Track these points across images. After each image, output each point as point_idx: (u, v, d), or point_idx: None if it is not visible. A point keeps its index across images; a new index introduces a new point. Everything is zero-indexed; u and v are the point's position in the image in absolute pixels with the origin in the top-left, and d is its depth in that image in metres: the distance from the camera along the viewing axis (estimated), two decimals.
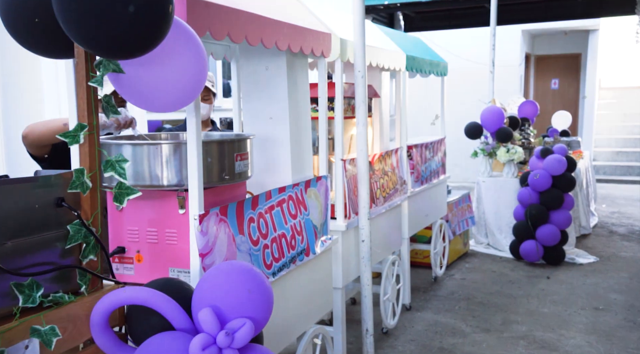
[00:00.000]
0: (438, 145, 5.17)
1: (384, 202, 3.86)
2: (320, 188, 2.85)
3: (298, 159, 2.75)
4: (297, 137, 2.75)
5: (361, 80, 3.28)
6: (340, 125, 3.24)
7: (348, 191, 3.34)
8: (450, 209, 5.88)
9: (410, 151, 4.49)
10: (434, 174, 5.05)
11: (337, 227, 3.27)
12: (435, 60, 5.03)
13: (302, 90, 2.80)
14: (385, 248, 4.01)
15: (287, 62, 2.64)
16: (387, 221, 4.00)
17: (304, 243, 2.63)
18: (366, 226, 3.37)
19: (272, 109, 2.69)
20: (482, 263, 6.06)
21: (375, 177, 3.74)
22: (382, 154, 3.85)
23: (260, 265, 2.26)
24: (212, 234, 1.97)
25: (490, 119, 6.63)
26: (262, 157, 2.73)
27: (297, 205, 2.61)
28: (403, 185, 4.23)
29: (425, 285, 5.29)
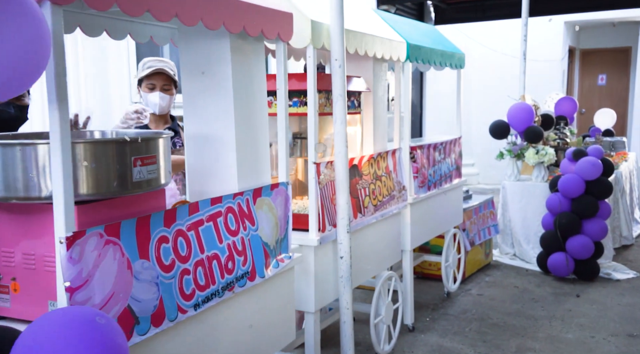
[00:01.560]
0: (451, 145, 4.63)
1: (375, 211, 3.37)
2: (277, 198, 2.39)
3: (248, 163, 2.30)
4: (247, 136, 2.30)
5: (338, 70, 2.80)
6: (313, 122, 2.77)
7: (324, 199, 2.87)
8: (468, 216, 5.32)
9: (413, 152, 3.97)
10: (446, 178, 4.51)
11: (309, 241, 2.80)
12: (448, 51, 4.49)
13: (255, 80, 2.35)
14: (378, 263, 3.51)
15: (231, 47, 2.19)
16: (380, 233, 3.50)
17: (248, 265, 2.17)
18: (345, 240, 2.89)
19: (214, 104, 2.25)
20: (504, 277, 5.48)
21: (363, 183, 3.25)
22: (372, 156, 3.36)
23: (173, 297, 1.81)
24: (88, 262, 1.54)
25: (518, 117, 6.02)
26: (204, 161, 2.29)
27: (240, 219, 2.16)
28: (402, 191, 3.72)
29: (435, 302, 4.76)
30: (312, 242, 2.79)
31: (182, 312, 1.85)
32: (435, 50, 4.22)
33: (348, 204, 2.87)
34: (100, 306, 1.56)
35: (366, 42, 3.18)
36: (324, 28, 2.78)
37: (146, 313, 1.71)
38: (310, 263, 2.82)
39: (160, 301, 1.76)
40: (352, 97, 3.24)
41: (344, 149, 2.85)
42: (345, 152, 2.85)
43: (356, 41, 3.08)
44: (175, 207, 1.87)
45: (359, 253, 3.25)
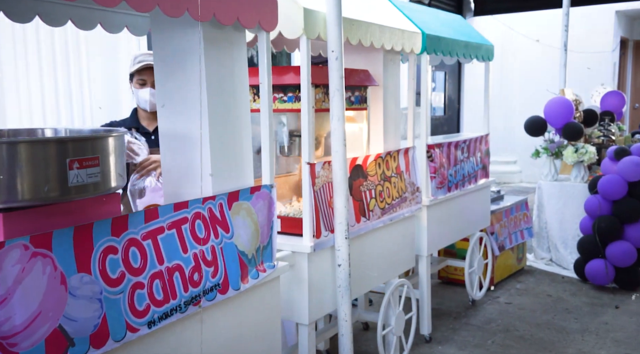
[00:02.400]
0: (476, 143, 4.33)
1: (383, 214, 3.13)
2: (258, 202, 2.18)
3: (225, 164, 2.10)
4: (224, 135, 2.10)
5: (335, 62, 2.57)
6: (307, 119, 2.55)
7: (320, 202, 2.65)
8: (497, 218, 5.00)
9: (430, 151, 3.70)
10: (470, 179, 4.22)
11: (302, 248, 2.59)
12: (474, 42, 4.18)
13: (235, 74, 2.14)
14: (387, 270, 3.27)
15: (203, 37, 1.99)
16: (389, 237, 3.26)
17: (219, 277, 1.98)
18: (343, 246, 2.67)
19: (187, 99, 2.06)
20: (537, 284, 5.13)
21: (368, 184, 3.01)
22: (379, 155, 3.11)
23: (121, 314, 1.63)
24: (7, 278, 1.37)
25: (556, 113, 5.65)
26: (178, 161, 2.11)
27: (211, 226, 1.96)
28: (416, 193, 3.46)
29: (458, 310, 4.47)
30: (305, 248, 2.58)
31: (132, 331, 1.67)
32: (458, 41, 3.93)
33: (346, 208, 2.65)
34: (22, 327, 1.39)
35: (372, 33, 2.93)
36: (320, 16, 2.55)
37: (83, 333, 1.53)
38: (303, 271, 2.61)
39: (103, 319, 1.58)
40: (357, 91, 3.00)
41: (342, 148, 2.62)
42: (343, 151, 2.62)
43: (360, 31, 2.84)
44: (127, 214, 1.69)
45: (363, 260, 3.02)
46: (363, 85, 3.05)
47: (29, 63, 3.70)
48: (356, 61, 3.29)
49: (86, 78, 3.92)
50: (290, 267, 2.62)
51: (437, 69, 9.93)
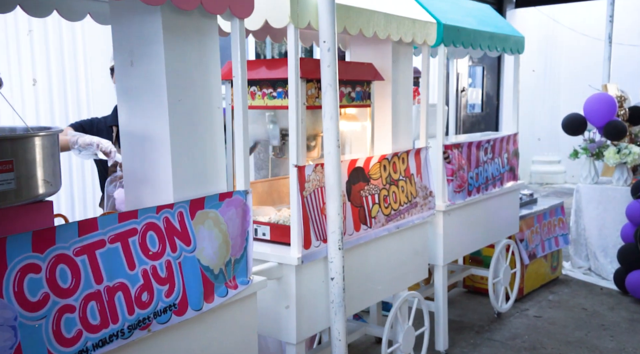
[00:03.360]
0: (502, 143, 3.98)
1: (387, 221, 2.85)
2: (228, 210, 1.94)
3: (190, 168, 1.87)
4: (189, 135, 1.86)
5: (327, 54, 2.30)
6: (295, 117, 2.30)
7: (311, 209, 2.40)
8: (528, 224, 4.63)
9: (447, 151, 3.39)
10: (494, 181, 3.88)
11: (289, 260, 2.34)
12: (500, 33, 3.84)
13: (204, 67, 1.90)
14: (394, 282, 2.99)
15: (163, 25, 1.76)
16: (397, 247, 2.98)
17: (175, 296, 1.75)
18: (337, 258, 2.40)
19: (146, 95, 1.83)
20: (573, 295, 4.74)
21: (370, 189, 2.74)
22: (384, 156, 2.83)
23: (43, 342, 1.42)
24: None
25: (597, 110, 5.22)
26: (138, 165, 1.89)
27: (167, 238, 1.74)
28: (428, 197, 3.16)
29: (481, 323, 4.14)
30: (293, 260, 2.33)
31: None
32: (482, 32, 3.60)
33: (340, 215, 2.38)
34: None
35: (376, 22, 2.65)
36: (310, 3, 2.29)
37: None
38: (290, 285, 2.36)
39: (17, 350, 1.37)
40: (359, 86, 2.73)
41: (335, 149, 2.35)
42: (336, 152, 2.35)
43: (361, 20, 2.57)
44: (55, 226, 1.47)
45: (364, 272, 2.75)
46: (366, 80, 2.77)
47: (22, 60, 3.57)
48: (365, 54, 3.02)
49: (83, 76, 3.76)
50: (277, 280, 2.39)
51: (475, 64, 9.51)
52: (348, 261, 2.63)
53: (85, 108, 3.75)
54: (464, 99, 9.18)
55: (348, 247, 2.61)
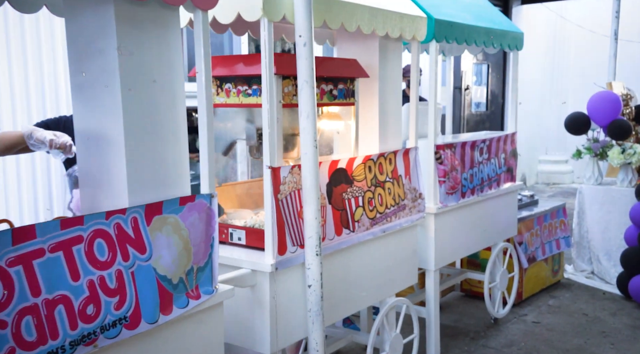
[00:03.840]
0: (499, 143, 3.83)
1: (372, 225, 2.71)
2: (190, 215, 1.82)
3: (147, 170, 1.75)
4: (147, 136, 1.74)
5: (303, 49, 2.17)
6: (268, 115, 2.17)
7: (287, 212, 2.27)
8: (527, 227, 4.48)
9: (439, 152, 3.25)
10: (490, 183, 3.73)
11: (261, 267, 2.21)
12: (497, 29, 3.69)
13: (163, 62, 1.78)
14: (380, 289, 2.86)
15: (116, 16, 1.64)
16: (383, 251, 2.84)
17: (126, 308, 1.63)
18: (314, 264, 2.27)
19: (100, 92, 1.71)
20: (573, 300, 4.58)
21: (354, 191, 2.61)
22: (369, 157, 2.69)
23: None
24: None
25: (601, 109, 5.06)
26: (93, 166, 1.77)
27: (118, 245, 1.62)
28: (418, 200, 3.03)
29: (477, 329, 4.00)
30: (266, 267, 2.20)
31: None
32: (477, 27, 3.45)
33: (318, 219, 2.25)
34: None
35: (360, 16, 2.52)
36: None
37: None
38: (264, 293, 2.24)
39: None
40: (342, 84, 2.60)
41: (312, 149, 2.22)
42: (313, 153, 2.23)
43: (343, 14, 2.43)
44: None
45: (347, 278, 2.63)
46: (349, 77, 2.64)
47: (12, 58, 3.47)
48: (351, 50, 2.89)
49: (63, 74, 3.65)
50: (251, 288, 2.27)
51: (480, 62, 9.33)
52: (329, 267, 2.51)
53: (65, 108, 3.64)
54: (468, 98, 9.01)
55: (329, 253, 2.48)
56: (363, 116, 2.86)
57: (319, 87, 2.48)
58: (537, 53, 10.34)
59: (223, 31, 2.57)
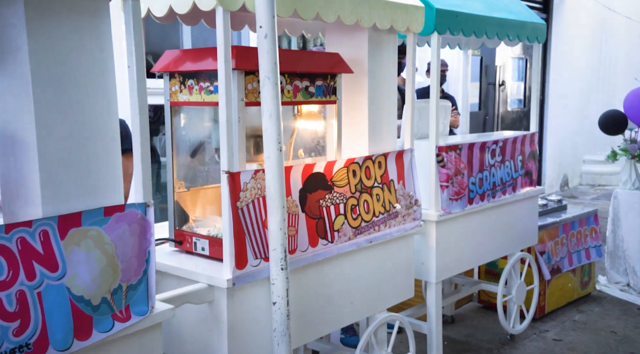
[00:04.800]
0: (515, 144, 3.51)
1: (357, 235, 2.47)
2: (118, 227, 1.63)
3: (69, 176, 1.57)
4: (65, 136, 1.56)
5: (265, 41, 1.95)
6: (225, 114, 1.96)
7: (248, 222, 2.06)
8: (550, 235, 4.13)
9: (442, 154, 2.98)
10: (505, 187, 3.42)
11: (218, 281, 2.01)
12: (514, 19, 3.38)
13: (88, 55, 1.59)
14: (368, 304, 2.61)
15: (25, 2, 1.47)
16: (371, 263, 2.60)
17: (29, 334, 1.44)
18: (279, 279, 2.05)
19: (12, 88, 1.54)
20: (602, 315, 4.21)
21: (334, 198, 2.37)
22: (352, 160, 2.45)
23: None
24: None
25: (638, 107, 4.64)
26: (11, 172, 1.60)
27: (22, 263, 1.44)
28: (413, 207, 2.76)
29: (491, 345, 3.70)
30: (221, 283, 2.00)
31: None
32: (488, 18, 3.15)
33: (283, 230, 2.03)
34: None
35: (339, 5, 2.27)
36: None
37: None
38: (221, 311, 2.03)
39: None
40: (320, 80, 2.36)
41: (276, 152, 2.00)
42: (277, 157, 2.00)
43: (319, 3, 2.20)
44: None
45: (324, 293, 2.40)
46: (330, 73, 2.40)
47: None
48: (340, 43, 2.64)
49: None
50: (209, 304, 2.07)
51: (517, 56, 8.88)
52: (303, 281, 2.29)
53: None
54: (504, 94, 8.58)
55: (302, 266, 2.26)
56: (352, 115, 2.62)
57: (292, 83, 2.25)
58: (582, 46, 9.80)
59: (170, 21, 2.36)
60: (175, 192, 2.33)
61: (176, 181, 2.33)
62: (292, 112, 2.44)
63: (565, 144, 9.84)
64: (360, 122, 2.62)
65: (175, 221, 2.34)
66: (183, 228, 2.31)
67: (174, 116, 2.29)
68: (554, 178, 9.81)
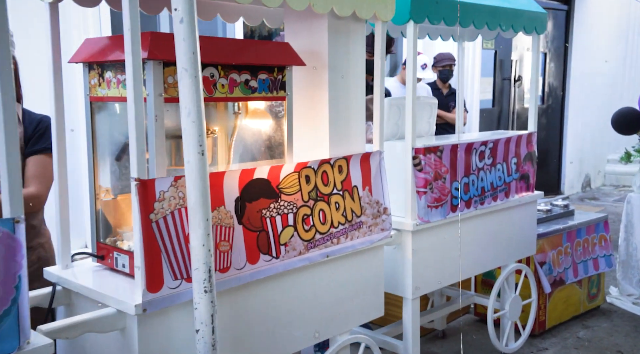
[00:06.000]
0: (509, 146, 3.17)
1: (310, 248, 2.18)
2: None
3: None
4: None
5: (181, 27, 1.66)
6: (134, 112, 1.68)
7: (167, 237, 1.78)
8: (552, 244, 3.78)
9: (419, 156, 2.66)
10: (496, 193, 3.09)
11: (126, 306, 1.74)
12: (509, 7, 3.04)
13: None
14: (325, 326, 2.32)
15: None
16: (329, 280, 2.30)
17: None
18: (203, 303, 1.76)
19: None
20: (610, 331, 3.85)
21: (281, 207, 2.08)
22: (305, 165, 2.15)
23: None
24: None
25: None
26: None
27: None
28: (382, 216, 2.46)
29: None
30: (129, 309, 1.72)
31: None
32: (475, 5, 2.82)
33: (206, 246, 1.74)
34: None
35: None
36: None
37: None
38: (132, 340, 1.76)
39: None
40: (264, 73, 2.07)
41: (197, 157, 1.70)
42: (198, 161, 1.71)
43: None
44: None
45: (268, 316, 2.11)
46: (276, 65, 2.10)
47: None
48: (300, 33, 2.35)
49: None
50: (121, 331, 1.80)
51: None
52: (241, 303, 2.01)
53: None
54: (520, 90, 8.16)
55: (237, 286, 1.98)
56: (314, 115, 2.33)
57: (228, 77, 1.97)
58: (606, 38, 9.32)
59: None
60: (99, 200, 2.06)
61: (100, 187, 2.07)
62: (233, 110, 2.15)
63: (587, 143, 9.37)
64: (318, 122, 2.33)
65: (100, 232, 2.07)
66: (106, 241, 2.04)
67: (95, 113, 2.02)
68: (574, 178, 9.36)
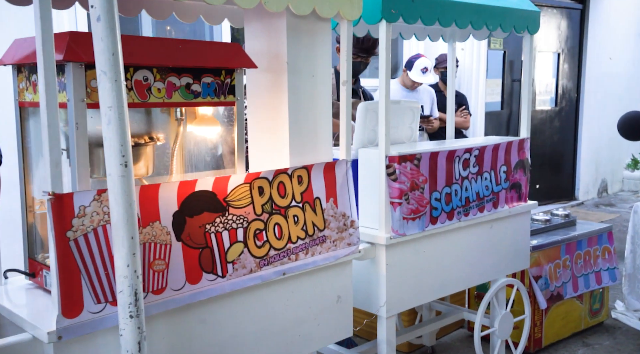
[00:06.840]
0: (498, 153, 2.96)
1: (263, 266, 2.00)
2: None
3: None
4: None
5: (98, 25, 1.50)
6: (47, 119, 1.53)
7: (88, 257, 1.62)
8: (549, 257, 3.56)
9: (393, 165, 2.47)
10: (482, 203, 2.88)
11: (40, 334, 1.58)
12: (496, 5, 2.83)
13: None
14: (283, 349, 2.14)
15: None
16: (286, 300, 2.12)
17: None
18: (128, 329, 1.60)
19: None
20: (613, 349, 3.61)
21: (229, 222, 1.91)
22: (256, 175, 1.98)
23: None
24: None
25: None
26: None
27: None
28: (349, 229, 2.27)
29: None
30: (43, 336, 1.56)
31: None
32: (457, 3, 2.63)
33: (132, 267, 1.58)
34: None
35: None
36: None
37: None
38: None
39: None
40: (210, 76, 1.90)
41: (119, 169, 1.54)
42: (121, 173, 1.54)
43: None
44: None
45: (215, 341, 1.94)
46: (224, 68, 1.93)
47: None
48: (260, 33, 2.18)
49: None
50: None
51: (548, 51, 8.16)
52: (180, 327, 1.85)
53: None
54: None
55: (178, 307, 1.81)
56: (269, 120, 2.16)
57: (165, 80, 1.80)
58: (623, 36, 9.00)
59: None
60: (33, 212, 1.92)
61: (34, 199, 1.92)
62: (175, 116, 1.99)
63: (604, 146, 9.05)
64: (278, 129, 2.15)
65: (35, 247, 1.93)
66: (38, 258, 1.89)
67: (24, 120, 1.87)
68: (590, 183, 9.04)
